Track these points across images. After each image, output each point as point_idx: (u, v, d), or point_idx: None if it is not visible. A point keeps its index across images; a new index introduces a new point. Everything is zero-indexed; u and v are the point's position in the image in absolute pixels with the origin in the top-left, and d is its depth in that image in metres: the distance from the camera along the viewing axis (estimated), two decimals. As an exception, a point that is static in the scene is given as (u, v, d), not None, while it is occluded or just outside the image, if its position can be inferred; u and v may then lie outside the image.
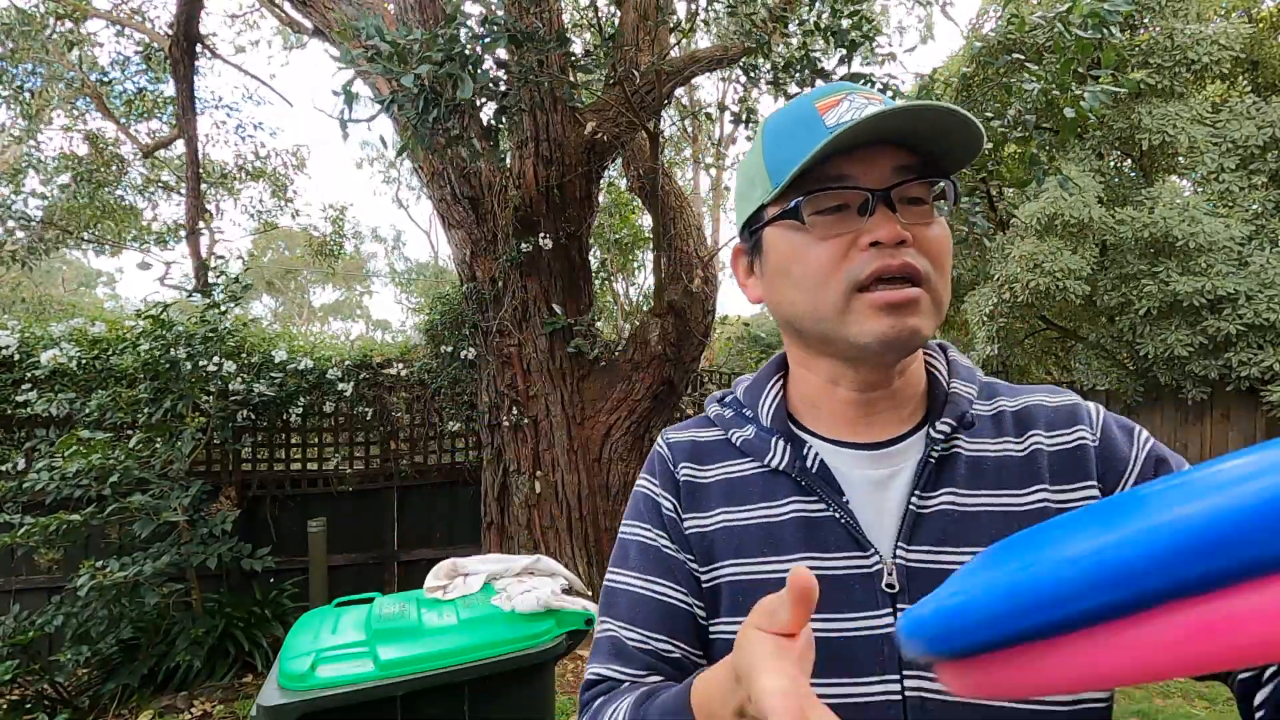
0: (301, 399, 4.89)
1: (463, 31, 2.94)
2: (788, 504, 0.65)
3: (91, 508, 3.58)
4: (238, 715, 3.63)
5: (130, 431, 3.95)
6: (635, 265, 9.05)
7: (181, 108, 5.73)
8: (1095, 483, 0.62)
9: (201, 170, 6.33)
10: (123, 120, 8.01)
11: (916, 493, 0.62)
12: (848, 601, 0.60)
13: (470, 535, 5.31)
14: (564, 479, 4.61)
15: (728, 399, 0.76)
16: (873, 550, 0.61)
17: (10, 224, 7.04)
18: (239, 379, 4.45)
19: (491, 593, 2.29)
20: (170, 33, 5.87)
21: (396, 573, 5.15)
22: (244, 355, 4.63)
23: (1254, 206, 6.26)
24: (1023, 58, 3.87)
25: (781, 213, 0.63)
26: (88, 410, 3.89)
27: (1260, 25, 7.08)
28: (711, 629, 0.67)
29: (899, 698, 0.58)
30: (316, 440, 5.08)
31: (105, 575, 3.42)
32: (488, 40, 3.01)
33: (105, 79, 8.02)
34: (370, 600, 2.33)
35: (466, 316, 4.99)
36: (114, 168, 8.05)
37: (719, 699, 0.48)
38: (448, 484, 5.34)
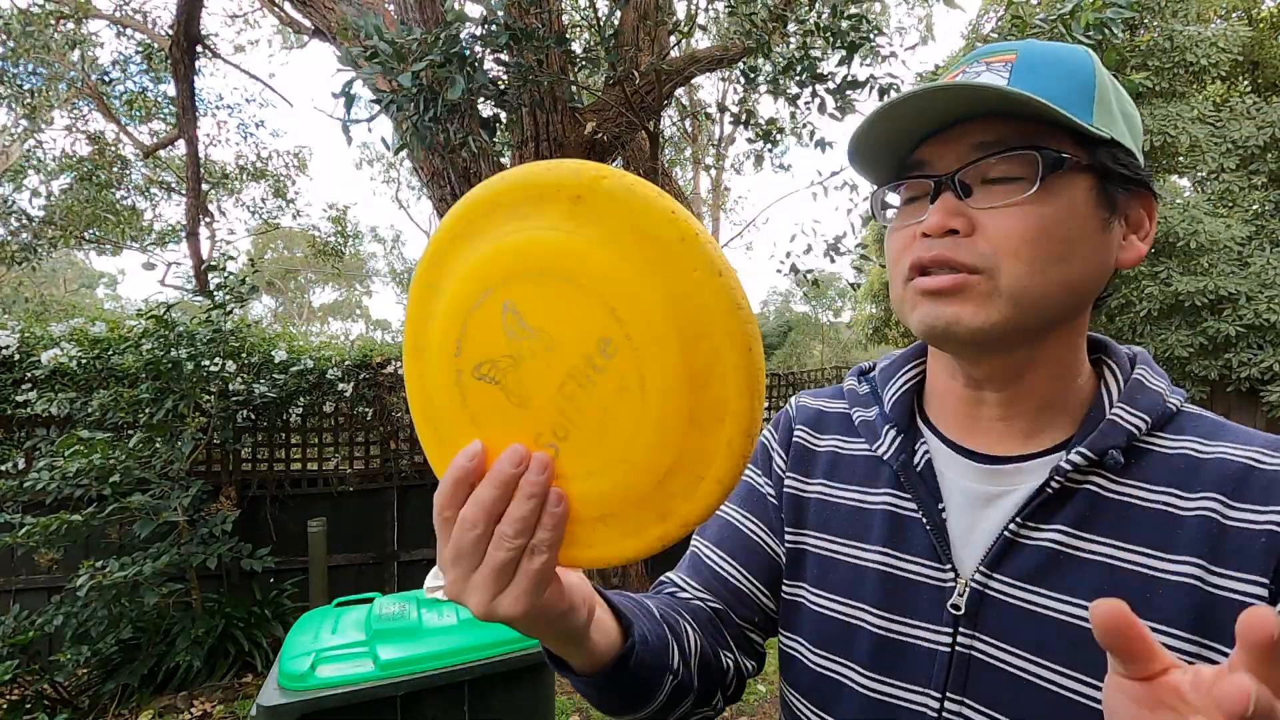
0: (301, 399, 4.89)
1: (463, 31, 2.94)
2: (882, 494, 0.65)
3: (92, 508, 3.57)
4: (238, 715, 3.63)
5: (131, 431, 3.95)
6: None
7: (182, 108, 5.73)
8: (1266, 579, 0.49)
9: (202, 171, 6.34)
10: (124, 120, 8.02)
11: (1018, 519, 0.56)
12: (914, 608, 0.60)
13: (470, 535, 5.30)
14: (564, 479, 4.60)
15: (869, 375, 0.74)
16: (950, 567, 0.59)
17: (12, 224, 7.05)
18: (239, 379, 4.44)
19: (491, 593, 2.28)
20: (170, 33, 5.88)
21: (396, 573, 5.14)
22: (244, 355, 4.63)
23: (1254, 206, 6.26)
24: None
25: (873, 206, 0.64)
26: (89, 410, 3.89)
27: (1260, 26, 7.08)
28: (786, 588, 0.70)
29: (936, 716, 0.57)
30: (316, 440, 5.08)
31: (105, 575, 3.42)
32: (486, 37, 3.01)
33: (106, 79, 8.02)
34: (370, 600, 2.34)
35: (466, 317, 4.99)
36: (115, 168, 8.05)
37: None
38: (448, 484, 5.32)
